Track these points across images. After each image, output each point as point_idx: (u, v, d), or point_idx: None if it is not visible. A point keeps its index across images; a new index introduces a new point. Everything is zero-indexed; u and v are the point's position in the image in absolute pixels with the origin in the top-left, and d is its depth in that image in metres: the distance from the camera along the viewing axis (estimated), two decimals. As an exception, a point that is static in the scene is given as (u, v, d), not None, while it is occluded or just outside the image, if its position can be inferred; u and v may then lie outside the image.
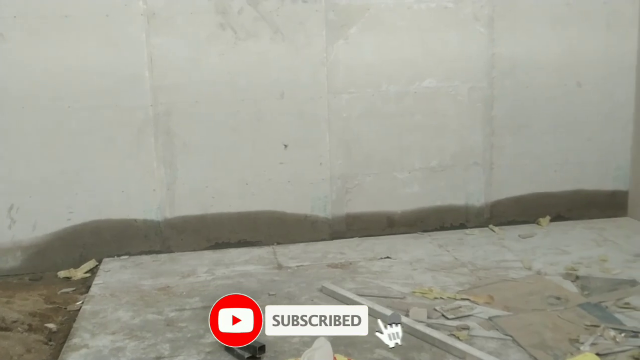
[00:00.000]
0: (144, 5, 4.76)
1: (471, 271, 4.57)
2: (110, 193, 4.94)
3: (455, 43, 5.23)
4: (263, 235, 5.22)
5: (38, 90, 4.71)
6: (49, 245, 4.90)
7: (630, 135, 5.61)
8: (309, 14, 4.99)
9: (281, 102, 5.08)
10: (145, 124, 4.91)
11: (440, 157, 5.40)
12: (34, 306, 4.15)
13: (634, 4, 5.42)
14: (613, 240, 5.13)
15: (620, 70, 5.51)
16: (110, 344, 3.59)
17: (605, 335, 3.49)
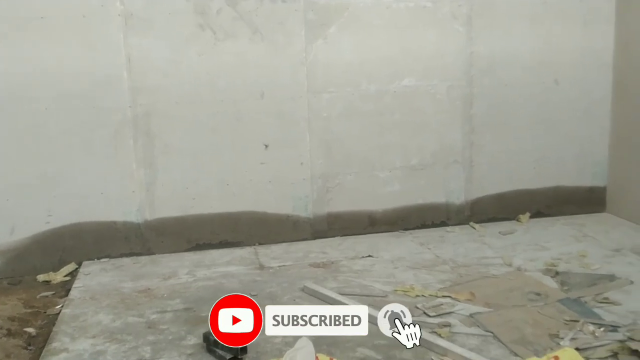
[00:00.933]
0: (122, 5, 4.73)
1: (452, 268, 4.59)
2: (89, 195, 4.90)
3: (433, 42, 5.26)
4: (244, 235, 5.21)
5: (14, 92, 4.65)
6: (27, 248, 4.85)
7: (607, 131, 5.67)
8: (288, 13, 4.99)
9: (261, 102, 5.07)
10: (124, 125, 4.87)
11: (421, 156, 5.42)
12: (13, 310, 4.11)
13: (610, 1, 5.49)
14: (592, 236, 5.18)
15: (597, 68, 5.57)
16: (91, 347, 3.56)
17: (585, 330, 3.52)
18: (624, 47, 5.45)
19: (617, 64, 5.54)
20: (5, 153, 4.71)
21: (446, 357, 3.29)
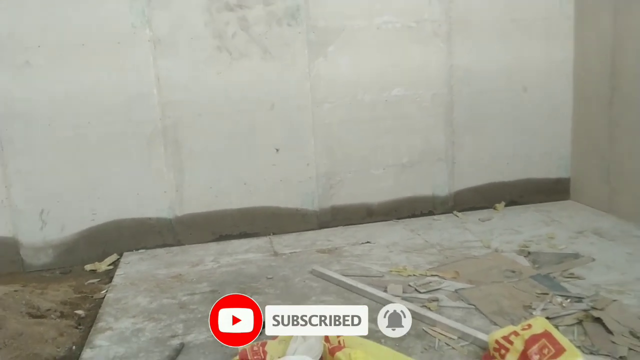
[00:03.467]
0: (151, 32, 4.74)
1: (439, 251, 4.60)
2: (127, 196, 4.92)
3: (418, 57, 5.25)
4: (260, 227, 5.22)
5: (60, 109, 4.67)
6: (76, 243, 4.87)
7: (569, 130, 5.66)
8: (293, 35, 4.99)
9: (272, 113, 5.07)
10: (155, 135, 4.89)
11: (410, 155, 5.42)
12: (65, 295, 4.13)
13: (569, 19, 5.47)
14: (558, 221, 5.18)
15: (559, 75, 5.55)
16: (132, 325, 3.59)
17: (554, 301, 3.53)
18: (582, 59, 5.44)
19: (576, 73, 5.53)
20: (55, 161, 4.73)
21: (435, 327, 3.30)
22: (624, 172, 5.03)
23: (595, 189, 5.40)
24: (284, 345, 3.00)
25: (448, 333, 3.22)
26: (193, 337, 3.37)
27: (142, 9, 4.69)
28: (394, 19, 5.14)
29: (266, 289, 4.02)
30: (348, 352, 2.86)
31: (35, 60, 4.58)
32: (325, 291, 3.92)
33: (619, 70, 4.97)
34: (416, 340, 3.18)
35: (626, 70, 4.90)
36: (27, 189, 4.71)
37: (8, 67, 4.54)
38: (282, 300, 3.82)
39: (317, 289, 3.97)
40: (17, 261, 4.78)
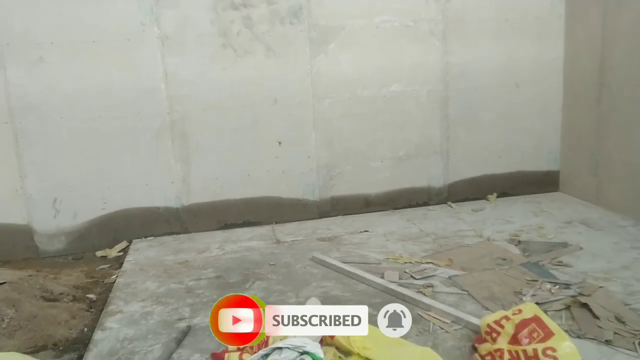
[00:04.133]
0: (159, 30, 4.72)
1: (434, 240, 4.60)
2: (136, 186, 4.92)
3: (415, 54, 5.23)
4: (263, 216, 5.22)
5: (72, 103, 4.67)
6: (87, 230, 4.88)
7: (559, 125, 5.65)
8: (295, 33, 4.97)
9: (275, 107, 5.06)
10: (163, 128, 4.88)
11: (406, 148, 5.41)
12: (77, 280, 4.14)
13: (560, 19, 5.44)
14: (548, 211, 5.17)
15: (550, 73, 5.54)
16: (141, 309, 3.59)
17: (543, 288, 3.53)
18: (572, 57, 5.42)
19: (566, 71, 5.51)
20: (67, 153, 4.73)
21: (430, 312, 3.30)
22: (611, 165, 5.02)
23: (584, 182, 5.39)
24: (286, 328, 3.00)
25: (442, 317, 3.22)
26: (199, 320, 3.38)
27: (150, 8, 4.66)
28: (393, 18, 5.12)
29: (269, 275, 4.03)
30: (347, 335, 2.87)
31: (49, 57, 4.57)
32: (325, 277, 3.92)
33: (607, 68, 4.96)
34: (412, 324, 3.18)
35: (614, 69, 4.88)
36: (40, 179, 4.71)
37: (23, 63, 4.53)
38: (284, 285, 3.82)
39: (317, 275, 3.98)
40: (32, 247, 4.78)
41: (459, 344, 2.96)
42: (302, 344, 2.69)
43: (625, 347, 2.81)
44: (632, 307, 3.23)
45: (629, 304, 3.27)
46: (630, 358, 2.73)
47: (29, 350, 3.13)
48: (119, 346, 3.14)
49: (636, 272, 3.73)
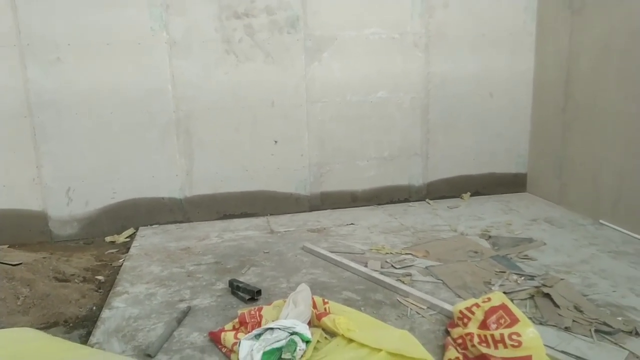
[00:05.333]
0: (167, 35, 4.67)
1: (413, 233, 4.61)
2: (143, 178, 4.88)
3: (400, 64, 5.22)
4: (259, 208, 5.20)
5: (86, 101, 4.61)
6: (98, 217, 4.83)
7: (528, 131, 5.67)
8: (292, 42, 4.94)
9: (272, 109, 5.03)
10: (169, 125, 4.84)
11: (390, 150, 5.41)
12: (87, 263, 4.11)
13: (531, 35, 5.45)
14: (516, 210, 5.20)
15: (521, 84, 5.55)
16: (145, 290, 3.58)
17: (510, 278, 3.56)
18: (541, 70, 5.44)
19: (536, 82, 5.53)
20: (81, 146, 4.68)
21: (408, 298, 3.31)
22: (573, 169, 5.05)
23: (548, 184, 5.42)
24: (278, 311, 3.01)
25: (419, 303, 3.24)
26: (198, 302, 3.36)
27: (160, 15, 4.62)
28: (381, 31, 5.11)
29: (263, 262, 4.02)
30: (332, 318, 2.88)
31: (65, 57, 4.51)
32: (314, 265, 3.92)
33: (573, 80, 4.98)
34: (391, 309, 3.19)
35: (578, 81, 4.91)
36: (56, 169, 4.66)
37: (41, 63, 4.47)
38: (276, 272, 3.81)
39: (307, 262, 3.97)
40: (46, 232, 4.74)
41: (433, 328, 2.97)
42: (292, 325, 2.70)
43: (583, 334, 2.84)
44: (589, 297, 3.26)
45: (586, 294, 3.30)
46: (587, 344, 2.75)
47: (42, 326, 3.11)
48: (124, 324, 3.12)
49: (594, 266, 3.76)
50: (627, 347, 2.70)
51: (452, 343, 2.72)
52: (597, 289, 3.38)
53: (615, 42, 4.43)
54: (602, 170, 4.66)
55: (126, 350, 2.83)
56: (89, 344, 2.90)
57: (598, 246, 4.13)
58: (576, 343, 2.75)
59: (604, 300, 3.22)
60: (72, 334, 3.08)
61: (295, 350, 2.58)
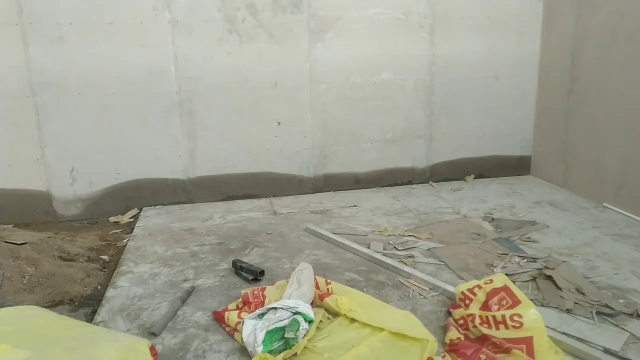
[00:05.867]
0: (170, 15, 4.63)
1: (416, 215, 4.60)
2: (147, 159, 4.87)
3: (405, 45, 5.17)
4: (262, 190, 5.20)
5: (89, 80, 4.59)
6: (102, 198, 4.85)
7: (533, 115, 5.63)
8: (296, 22, 4.88)
9: (275, 90, 5.00)
10: (172, 106, 4.82)
11: (394, 132, 5.38)
12: (92, 243, 4.13)
13: (538, 18, 5.38)
14: (519, 193, 5.19)
15: (527, 67, 5.49)
16: (150, 270, 3.60)
17: (513, 261, 3.56)
18: (547, 53, 5.38)
19: (542, 65, 5.47)
20: (84, 126, 4.67)
21: (410, 280, 3.32)
22: (577, 153, 5.03)
23: (553, 167, 5.40)
24: (281, 291, 3.02)
25: (421, 285, 3.25)
26: (202, 282, 3.38)
27: (163, -6, 4.57)
28: (385, 11, 5.04)
29: (266, 243, 4.03)
30: (335, 298, 2.89)
31: (68, 36, 4.48)
32: (317, 246, 3.93)
33: (579, 64, 4.93)
34: (394, 290, 3.21)
35: (584, 65, 4.85)
36: (59, 149, 4.66)
37: (44, 42, 4.44)
38: (279, 253, 3.83)
39: (310, 244, 3.98)
40: (51, 212, 4.76)
41: (435, 309, 2.99)
42: (295, 305, 2.71)
43: (584, 316, 2.85)
44: (591, 280, 3.27)
45: (589, 277, 3.31)
46: (588, 325, 2.76)
47: (48, 305, 3.13)
48: (129, 303, 3.14)
49: (596, 249, 3.76)
50: (628, 329, 2.71)
51: (454, 324, 2.73)
52: (599, 272, 3.38)
53: (622, 26, 4.37)
54: (606, 154, 4.63)
55: (131, 329, 2.86)
56: (95, 322, 2.92)
57: (601, 229, 4.13)
58: (577, 325, 2.77)
59: (606, 283, 3.23)
60: (78, 313, 3.11)
61: (299, 330, 2.59)
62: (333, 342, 2.61)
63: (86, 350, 2.22)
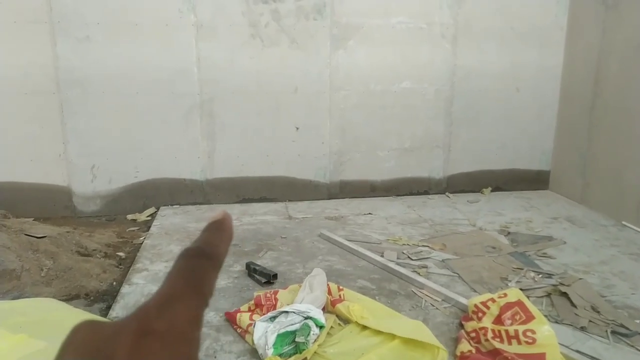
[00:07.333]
0: (195, 17, 4.70)
1: (430, 226, 4.59)
2: (165, 159, 4.94)
3: (426, 55, 5.17)
4: (278, 194, 5.23)
5: (114, 80, 4.68)
6: (120, 195, 4.92)
7: (553, 129, 5.58)
8: (318, 29, 4.92)
9: (295, 95, 5.04)
10: (193, 107, 4.88)
11: (412, 141, 5.38)
12: (109, 239, 4.20)
13: (562, 30, 5.34)
14: (537, 207, 5.14)
15: (549, 80, 5.45)
16: (164, 268, 3.64)
17: (527, 275, 3.53)
18: (570, 66, 5.33)
19: (564, 78, 5.42)
20: (106, 124, 4.76)
21: (423, 290, 3.31)
22: (597, 169, 4.97)
23: (571, 182, 5.34)
24: (293, 295, 3.04)
25: (433, 295, 3.24)
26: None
27: (188, -3, 4.65)
28: (408, 20, 5.05)
29: (280, 247, 4.05)
30: (347, 305, 2.90)
31: (94, 36, 4.57)
32: (330, 252, 3.94)
33: (602, 79, 4.87)
34: (406, 300, 3.20)
35: (608, 80, 4.80)
36: (81, 146, 4.75)
37: (71, 40, 4.54)
38: (293, 257, 3.84)
39: (323, 249, 4.00)
40: (70, 207, 4.84)
41: (447, 320, 2.97)
42: (306, 310, 2.73)
43: (598, 335, 2.81)
44: (607, 298, 3.22)
45: (604, 295, 3.26)
46: (602, 344, 2.73)
47: (64, 298, 3.19)
48: (143, 300, 3.17)
49: (613, 267, 3.71)
50: (643, 350, 2.67)
51: (466, 336, 2.72)
52: (615, 291, 3.34)
53: (649, 40, 4.32)
54: (627, 171, 4.57)
55: (144, 326, 2.89)
56: (109, 317, 2.97)
57: (619, 247, 4.07)
58: (591, 343, 2.73)
59: (622, 302, 3.18)
60: (93, 307, 3.16)
61: (309, 335, 2.61)
62: (343, 349, 2.62)
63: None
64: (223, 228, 0.52)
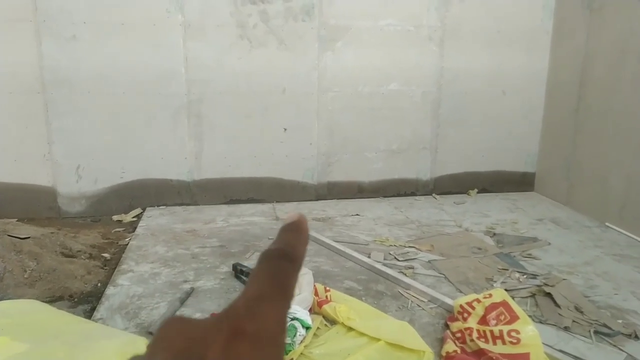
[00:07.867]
0: (182, 17, 4.68)
1: (417, 227, 4.61)
2: (152, 159, 4.91)
3: (414, 57, 5.20)
4: (266, 195, 5.22)
5: (100, 79, 4.64)
6: (106, 196, 4.88)
7: (539, 131, 5.63)
8: (306, 30, 4.93)
9: (283, 96, 5.03)
10: (181, 108, 4.86)
11: (399, 143, 5.40)
12: (94, 240, 4.16)
13: (548, 34, 5.40)
14: (522, 209, 5.19)
15: (535, 83, 5.50)
16: (150, 270, 3.61)
17: (512, 276, 3.56)
18: (555, 69, 5.39)
19: (550, 81, 5.48)
20: (92, 124, 4.71)
21: (409, 291, 3.33)
22: (582, 171, 5.03)
23: (556, 184, 5.40)
24: (279, 296, 3.02)
25: (420, 296, 3.25)
26: (201, 283, 3.40)
27: (176, -3, 4.62)
28: (396, 22, 5.08)
29: (267, 248, 4.03)
30: (334, 306, 2.90)
31: (81, 35, 4.53)
32: (317, 253, 3.94)
33: (587, 82, 4.94)
34: (392, 300, 3.21)
35: (592, 84, 4.87)
36: (66, 146, 4.70)
37: (57, 39, 4.49)
38: (280, 258, 3.83)
39: (311, 251, 3.98)
40: (55, 208, 4.79)
41: (433, 321, 2.99)
42: (292, 311, 2.72)
43: (582, 334, 2.84)
44: (590, 299, 3.26)
45: (588, 296, 3.30)
46: (585, 344, 2.76)
47: (47, 300, 3.15)
48: (128, 301, 3.16)
49: (597, 268, 3.75)
50: (625, 350, 2.71)
51: (451, 337, 2.74)
52: (598, 291, 3.38)
53: (633, 45, 4.38)
54: (611, 174, 4.63)
55: (129, 327, 2.87)
56: (93, 319, 2.94)
57: (603, 248, 4.12)
58: (575, 343, 2.76)
59: (605, 302, 3.22)
60: (77, 309, 3.13)
61: (295, 336, 2.60)
62: (329, 350, 2.62)
63: (84, 344, 2.25)
64: (300, 230, 0.52)
